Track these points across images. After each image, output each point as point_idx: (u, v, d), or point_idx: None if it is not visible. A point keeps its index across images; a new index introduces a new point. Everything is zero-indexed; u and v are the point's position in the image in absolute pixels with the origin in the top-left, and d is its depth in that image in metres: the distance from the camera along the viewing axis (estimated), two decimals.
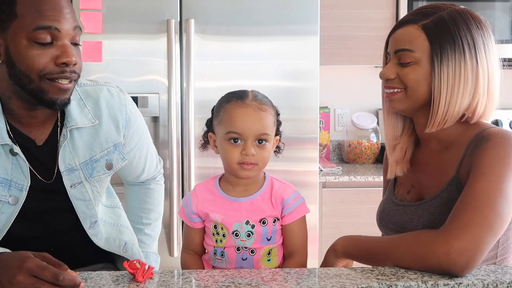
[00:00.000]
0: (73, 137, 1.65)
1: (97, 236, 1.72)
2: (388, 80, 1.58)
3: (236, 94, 1.61)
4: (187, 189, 2.83)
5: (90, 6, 2.77)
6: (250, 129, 1.55)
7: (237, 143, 1.56)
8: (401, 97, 1.57)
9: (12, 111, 1.59)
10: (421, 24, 1.54)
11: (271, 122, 1.59)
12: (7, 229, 1.60)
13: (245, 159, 1.55)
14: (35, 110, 1.59)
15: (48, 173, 1.64)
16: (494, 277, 1.37)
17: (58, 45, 1.52)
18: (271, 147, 1.60)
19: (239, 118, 1.55)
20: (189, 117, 2.81)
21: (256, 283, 1.33)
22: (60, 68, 1.52)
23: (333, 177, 3.11)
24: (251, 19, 2.85)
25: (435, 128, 1.55)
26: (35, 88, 1.52)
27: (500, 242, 1.53)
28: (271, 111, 1.60)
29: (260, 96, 1.61)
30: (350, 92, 3.74)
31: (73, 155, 1.65)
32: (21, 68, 1.51)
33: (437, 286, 1.34)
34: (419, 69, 1.54)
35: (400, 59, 1.56)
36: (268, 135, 1.57)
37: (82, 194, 1.67)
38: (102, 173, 1.71)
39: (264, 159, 1.58)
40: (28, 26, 1.49)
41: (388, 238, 1.52)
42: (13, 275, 1.24)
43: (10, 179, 1.58)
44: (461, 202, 1.42)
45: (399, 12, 3.31)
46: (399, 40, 1.57)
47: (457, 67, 1.51)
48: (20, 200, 1.59)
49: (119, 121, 1.74)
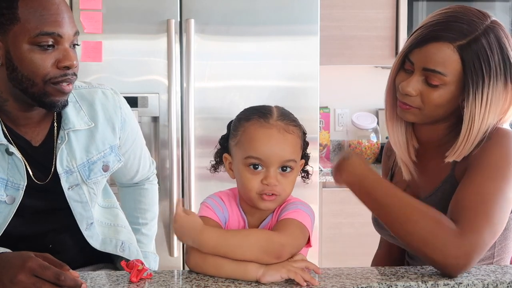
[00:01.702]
0: (70, 139, 1.66)
1: (92, 238, 1.72)
2: (408, 95, 1.50)
3: (258, 111, 1.41)
4: (187, 189, 2.83)
5: (90, 6, 2.77)
6: (274, 154, 1.36)
7: (257, 170, 1.37)
8: (417, 113, 1.52)
9: (8, 113, 1.60)
10: (457, 44, 1.45)
11: (298, 146, 1.41)
12: (4, 228, 1.60)
13: (266, 190, 1.37)
14: (31, 112, 1.60)
15: (45, 174, 1.65)
16: (494, 277, 1.37)
17: (60, 49, 1.54)
18: (296, 174, 1.42)
19: (262, 141, 1.37)
20: (189, 117, 2.80)
21: (256, 283, 1.33)
22: (63, 72, 1.54)
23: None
24: (251, 19, 2.85)
25: (461, 156, 1.49)
26: (38, 92, 1.54)
27: (497, 242, 1.52)
28: (298, 132, 1.41)
29: (287, 114, 1.42)
30: (350, 92, 3.74)
31: (70, 157, 1.66)
32: (24, 72, 1.53)
33: (437, 286, 1.34)
34: (445, 92, 1.48)
35: (428, 78, 1.48)
36: (294, 162, 1.39)
37: (79, 195, 1.68)
38: (99, 175, 1.72)
39: (288, 189, 1.40)
40: (31, 31, 1.51)
41: (407, 197, 1.45)
42: (15, 274, 1.24)
43: (6, 178, 1.59)
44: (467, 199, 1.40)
45: (399, 12, 3.31)
46: (431, 58, 1.46)
47: (489, 93, 1.45)
48: (17, 199, 1.60)
49: (115, 123, 1.74)
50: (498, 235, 1.41)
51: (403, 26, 3.27)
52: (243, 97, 2.84)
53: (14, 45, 1.52)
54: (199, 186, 2.80)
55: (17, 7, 1.51)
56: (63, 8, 1.55)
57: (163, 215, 2.80)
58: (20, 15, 1.50)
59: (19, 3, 1.51)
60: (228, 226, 1.47)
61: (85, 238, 1.71)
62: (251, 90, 2.86)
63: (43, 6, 1.52)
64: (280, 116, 1.40)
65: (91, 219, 1.71)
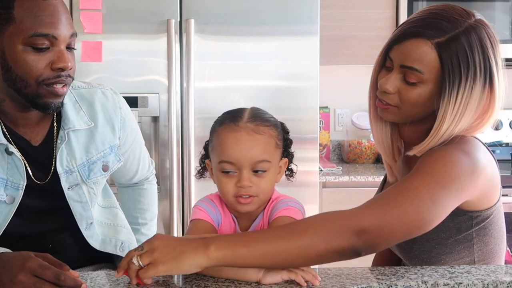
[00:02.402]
0: (70, 139, 1.66)
1: (92, 238, 1.73)
2: (385, 93, 1.47)
3: (230, 115, 1.43)
4: (187, 189, 2.83)
5: (90, 6, 2.77)
6: (243, 157, 1.36)
7: (230, 174, 1.38)
8: (395, 111, 1.49)
9: (6, 113, 1.60)
10: (435, 42, 1.41)
11: (271, 146, 1.40)
12: (3, 228, 1.60)
13: (240, 192, 1.38)
14: (29, 112, 1.60)
15: (44, 174, 1.65)
16: (494, 277, 1.37)
17: (55, 50, 1.53)
18: (273, 174, 1.42)
19: (231, 145, 1.37)
20: (189, 117, 2.81)
21: (256, 284, 1.33)
22: (56, 73, 1.53)
23: (333, 177, 3.11)
24: (251, 19, 2.85)
25: (422, 152, 1.44)
26: (31, 93, 1.53)
27: (475, 248, 1.50)
28: (271, 132, 1.40)
29: (258, 115, 1.41)
30: (350, 92, 3.74)
31: (70, 157, 1.66)
32: (17, 72, 1.52)
33: (437, 286, 1.34)
34: (422, 90, 1.44)
35: (405, 75, 1.44)
36: (266, 162, 1.39)
37: (79, 195, 1.68)
38: (98, 174, 1.72)
39: (265, 189, 1.41)
40: (26, 31, 1.50)
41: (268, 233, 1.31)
42: (15, 274, 1.24)
43: (6, 178, 1.59)
44: (386, 191, 1.36)
45: (399, 12, 3.31)
46: (409, 55, 1.43)
47: (466, 93, 1.41)
48: (17, 199, 1.60)
49: (114, 123, 1.75)
50: (418, 230, 1.34)
51: None
52: (243, 97, 2.84)
53: (9, 45, 1.51)
54: (199, 186, 2.80)
55: (13, 7, 1.50)
56: (59, 9, 1.53)
57: (163, 215, 2.80)
58: (15, 15, 1.50)
59: (15, 3, 1.50)
60: (221, 227, 1.48)
61: (85, 238, 1.71)
62: (251, 90, 2.86)
63: (39, 7, 1.51)
64: (250, 118, 1.40)
65: (91, 219, 1.71)
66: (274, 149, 1.41)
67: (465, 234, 1.49)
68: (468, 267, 1.44)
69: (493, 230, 1.51)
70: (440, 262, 1.51)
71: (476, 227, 1.48)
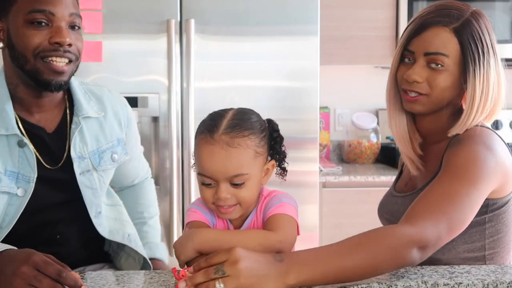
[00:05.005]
0: (82, 126, 1.71)
1: (101, 226, 1.76)
2: (414, 83, 1.55)
3: (207, 124, 1.40)
4: (187, 189, 2.83)
5: (90, 6, 2.77)
6: (217, 172, 1.34)
7: (210, 186, 1.36)
8: (425, 101, 1.56)
9: (21, 101, 1.65)
10: (452, 27, 1.53)
11: (248, 157, 1.35)
12: (15, 221, 1.63)
13: (219, 203, 1.37)
14: (42, 98, 1.65)
15: (56, 161, 1.69)
16: (494, 277, 1.37)
17: (54, 27, 1.58)
18: (254, 182, 1.38)
19: (206, 159, 1.35)
20: (189, 117, 2.81)
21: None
22: (53, 47, 1.58)
23: (333, 177, 3.11)
24: (251, 19, 2.85)
25: (463, 129, 1.55)
26: (31, 69, 1.58)
27: (486, 234, 1.55)
28: (248, 143, 1.35)
29: (235, 125, 1.36)
30: (350, 92, 3.74)
31: (82, 144, 1.71)
32: (18, 48, 1.58)
33: (437, 286, 1.34)
34: (449, 74, 1.54)
35: (431, 62, 1.54)
36: (243, 176, 1.35)
37: (90, 182, 1.72)
38: (108, 163, 1.77)
39: (247, 197, 1.38)
40: (25, 8, 1.56)
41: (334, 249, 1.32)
42: (18, 266, 1.26)
43: (17, 171, 1.62)
44: (429, 199, 1.41)
45: (399, 12, 3.31)
46: (431, 42, 1.54)
47: (485, 71, 1.54)
48: (28, 191, 1.63)
49: (121, 118, 1.82)
50: (458, 233, 1.41)
51: (403, 26, 3.27)
52: (243, 97, 2.84)
53: (13, 25, 1.59)
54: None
55: None
56: None
57: (163, 215, 2.79)
58: None
59: None
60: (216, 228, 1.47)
61: (91, 232, 1.74)
62: (251, 90, 2.86)
63: None
64: (226, 128, 1.36)
65: (100, 207, 1.75)
66: (253, 159, 1.37)
67: (478, 218, 1.52)
68: (468, 267, 1.44)
69: (505, 219, 1.57)
70: (451, 244, 1.52)
71: (490, 214, 1.55)
